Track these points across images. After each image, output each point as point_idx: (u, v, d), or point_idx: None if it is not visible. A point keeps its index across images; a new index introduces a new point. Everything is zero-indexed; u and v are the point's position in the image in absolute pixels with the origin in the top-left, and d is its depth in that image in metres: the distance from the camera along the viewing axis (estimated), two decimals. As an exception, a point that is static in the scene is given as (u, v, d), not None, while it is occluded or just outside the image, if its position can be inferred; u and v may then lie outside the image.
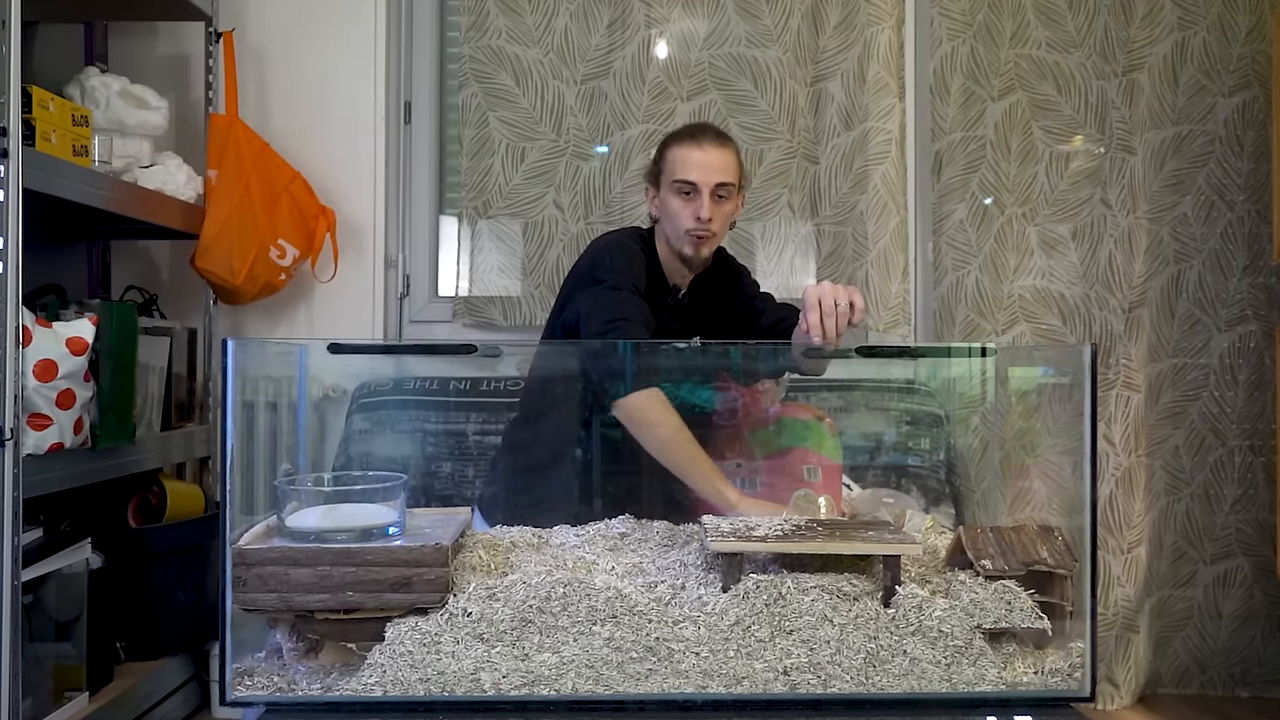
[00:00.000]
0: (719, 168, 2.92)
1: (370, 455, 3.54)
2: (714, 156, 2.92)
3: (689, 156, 2.91)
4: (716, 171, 2.91)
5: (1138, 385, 3.88)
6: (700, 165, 2.90)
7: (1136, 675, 3.87)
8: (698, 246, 2.97)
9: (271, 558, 2.02)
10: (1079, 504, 2.22)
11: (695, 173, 2.90)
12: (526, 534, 2.51)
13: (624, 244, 3.03)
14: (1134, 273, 3.87)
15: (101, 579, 3.06)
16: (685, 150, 2.93)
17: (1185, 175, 3.92)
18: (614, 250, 3.00)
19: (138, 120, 3.44)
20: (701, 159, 2.90)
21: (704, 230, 2.93)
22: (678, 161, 2.93)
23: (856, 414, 3.52)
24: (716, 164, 2.92)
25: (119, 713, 3.07)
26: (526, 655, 2.02)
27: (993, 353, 3.12)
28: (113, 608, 3.17)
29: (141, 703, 3.21)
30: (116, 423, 3.07)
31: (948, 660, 2.04)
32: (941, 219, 3.97)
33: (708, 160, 2.91)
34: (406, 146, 4.16)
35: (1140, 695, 3.90)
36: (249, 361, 2.25)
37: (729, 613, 2.05)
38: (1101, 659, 3.79)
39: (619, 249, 3.00)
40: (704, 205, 2.90)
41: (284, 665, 2.10)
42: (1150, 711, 3.83)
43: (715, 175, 2.91)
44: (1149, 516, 3.91)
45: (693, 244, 2.96)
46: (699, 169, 2.90)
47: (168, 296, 3.85)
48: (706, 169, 2.90)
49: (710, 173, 2.90)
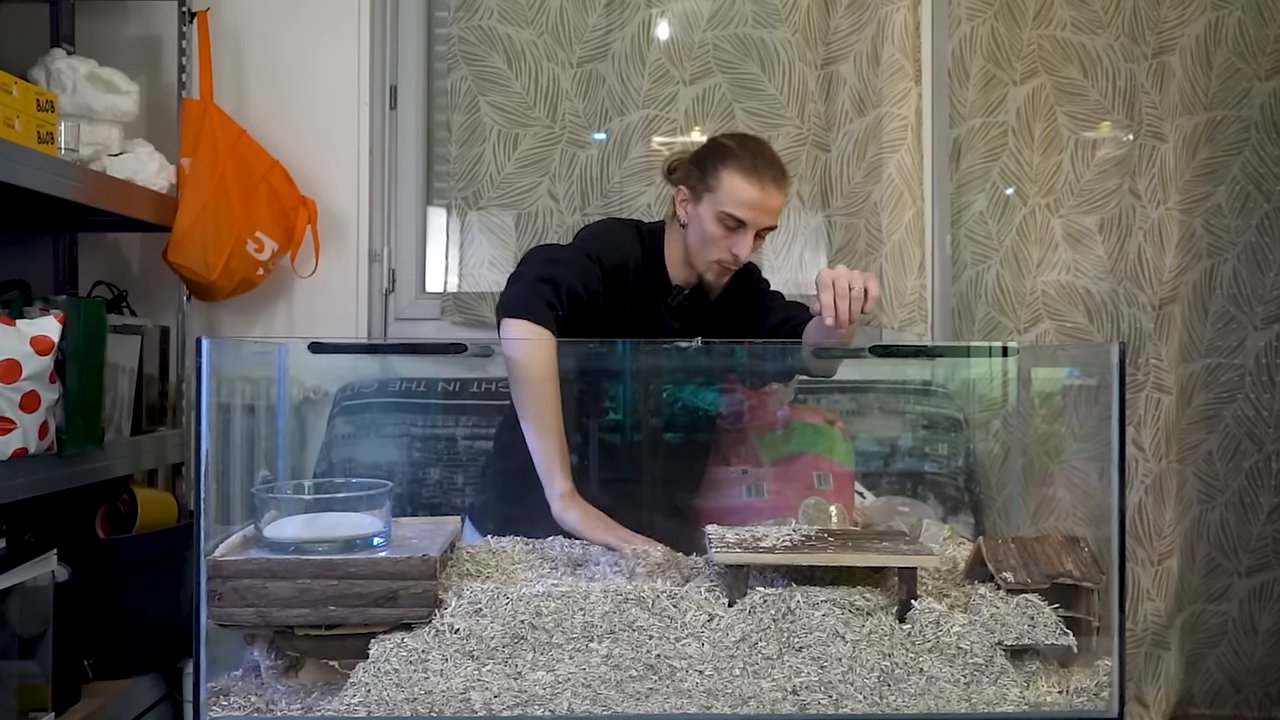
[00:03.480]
0: (773, 211, 2.87)
1: (353, 461, 3.54)
2: (774, 201, 2.86)
3: (746, 194, 2.82)
4: (769, 215, 2.87)
5: (1168, 387, 3.88)
6: (756, 207, 2.83)
7: (1167, 695, 3.87)
8: (722, 277, 2.96)
9: (249, 570, 2.03)
10: (1106, 513, 2.22)
11: (748, 213, 2.83)
12: (519, 545, 2.51)
13: (608, 226, 3.05)
14: (1164, 267, 3.88)
15: (68, 592, 3.05)
16: (744, 184, 2.82)
17: (1219, 164, 3.93)
18: (593, 227, 3.03)
19: (106, 105, 3.43)
20: (760, 200, 2.83)
21: (736, 265, 2.92)
22: (733, 193, 2.83)
23: (870, 417, 3.52)
24: (773, 208, 2.87)
25: (86, 735, 3.07)
26: (519, 673, 2.02)
27: (1014, 352, 3.12)
28: (80, 623, 3.16)
29: (110, 724, 3.21)
30: (84, 427, 3.06)
31: (967, 679, 2.04)
32: (960, 210, 3.97)
33: (767, 203, 2.84)
34: (392, 133, 4.15)
35: (1171, 716, 3.91)
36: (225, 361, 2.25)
37: (735, 628, 2.05)
38: (1130, 678, 3.79)
39: (600, 227, 3.03)
40: (746, 245, 2.86)
41: (262, 684, 2.10)
42: (1182, 733, 3.84)
43: (767, 219, 2.86)
44: (1180, 526, 3.91)
45: (718, 274, 2.95)
46: (753, 210, 2.83)
47: (138, 293, 3.84)
48: (762, 212, 2.85)
49: (765, 216, 2.85)
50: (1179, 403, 3.91)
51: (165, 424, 3.77)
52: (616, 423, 2.73)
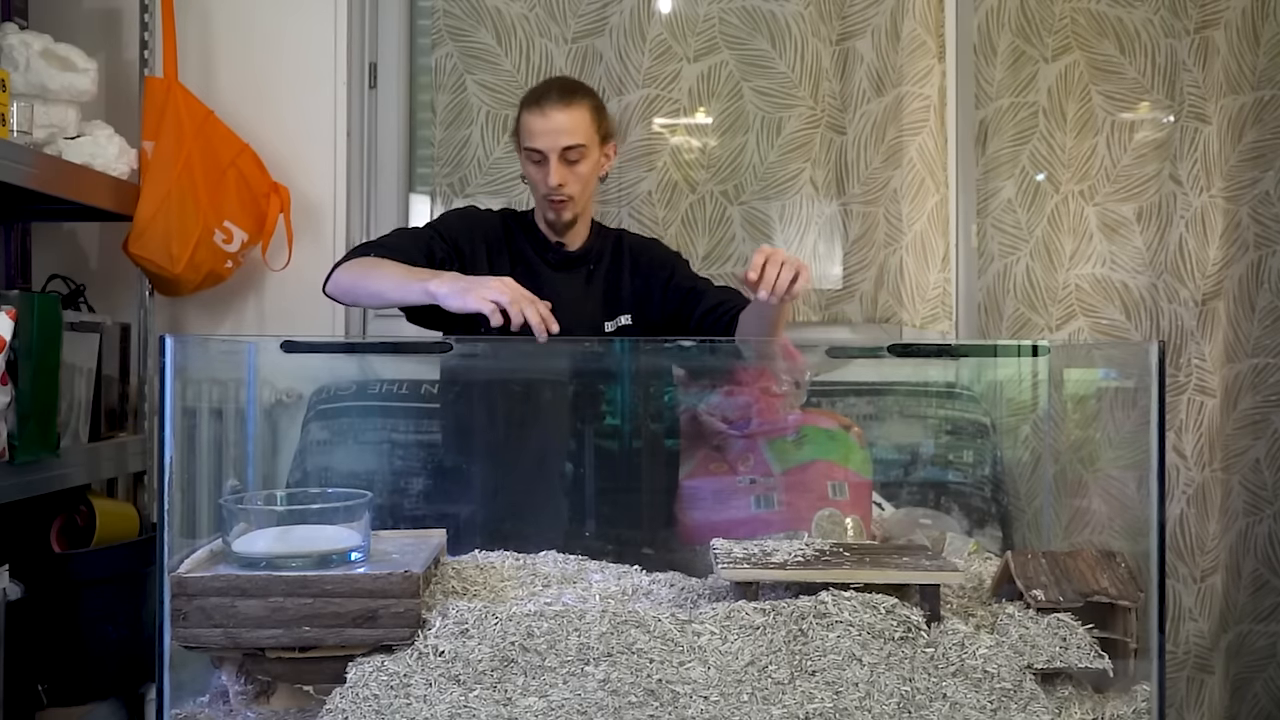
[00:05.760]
0: (564, 130, 3.14)
1: (329, 469, 3.54)
2: (557, 120, 3.13)
3: (533, 124, 3.15)
4: (562, 135, 3.14)
5: (1212, 389, 3.87)
6: (543, 132, 3.14)
7: (1211, 722, 3.87)
8: (558, 211, 3.23)
9: (216, 588, 2.03)
10: (1145, 526, 2.22)
11: (539, 140, 3.14)
12: (508, 560, 2.51)
13: (459, 209, 3.46)
14: (1208, 260, 3.87)
15: (20, 611, 3.06)
16: (529, 117, 3.17)
17: (1267, 147, 3.92)
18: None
19: (62, 84, 3.43)
20: (544, 125, 3.13)
21: (558, 195, 3.18)
22: (524, 129, 3.18)
23: (889, 422, 3.52)
24: (561, 127, 3.14)
25: (41, 766, 3.07)
26: (509, 699, 2.02)
27: (1045, 351, 3.12)
28: (33, 644, 3.16)
29: (67, 754, 3.21)
30: (38, 432, 3.06)
31: (994, 705, 2.04)
32: (987, 198, 3.97)
33: (550, 125, 3.13)
34: (371, 115, 4.16)
35: (1216, 746, 3.91)
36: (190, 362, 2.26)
37: (743, 651, 2.05)
38: (1171, 704, 3.79)
39: (450, 211, 3.48)
40: (553, 172, 3.15)
41: (231, 711, 2.10)
42: (1227, 764, 3.83)
43: (560, 139, 3.14)
44: (1225, 540, 3.91)
45: (553, 209, 3.23)
46: (542, 136, 3.14)
47: (97, 287, 3.84)
48: (550, 134, 3.13)
49: (554, 137, 3.14)
50: (1224, 406, 3.90)
51: (126, 429, 3.78)
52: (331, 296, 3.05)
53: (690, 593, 2.31)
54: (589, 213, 3.35)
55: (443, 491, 3.24)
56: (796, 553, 2.23)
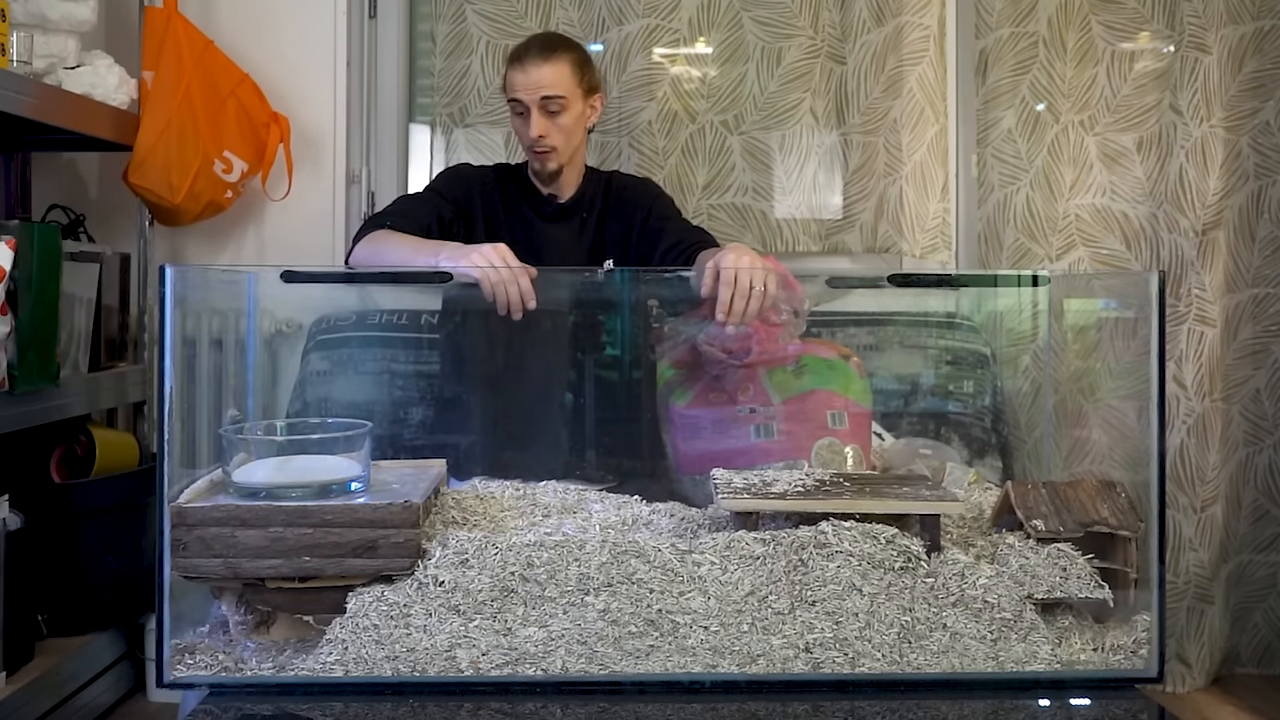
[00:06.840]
0: (544, 83, 3.19)
1: (329, 400, 3.53)
2: (537, 74, 3.19)
3: (514, 79, 3.22)
4: (542, 87, 3.19)
5: (1212, 319, 3.86)
6: (524, 85, 3.20)
7: (1211, 653, 3.87)
8: (542, 161, 3.27)
9: (216, 518, 2.02)
10: (1145, 456, 2.21)
11: (520, 92, 3.21)
12: (508, 490, 2.51)
13: (453, 168, 3.47)
14: (1208, 189, 3.85)
15: (20, 541, 3.06)
16: (511, 71, 3.24)
17: (1267, 77, 3.89)
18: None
19: (62, 14, 3.41)
20: (523, 79, 3.20)
21: (542, 146, 3.22)
22: (508, 83, 3.25)
23: (889, 352, 3.51)
24: (541, 79, 3.19)
25: (40, 696, 3.07)
26: (509, 629, 2.01)
27: (1045, 281, 3.11)
28: (33, 575, 3.16)
29: (66, 684, 3.21)
30: (37, 362, 3.05)
31: (994, 635, 2.04)
32: (987, 128, 3.95)
33: (530, 79, 3.19)
34: (371, 44, 4.12)
35: (1215, 676, 3.91)
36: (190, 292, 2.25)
37: (743, 581, 2.04)
38: (1171, 634, 3.79)
39: (445, 170, 3.48)
40: (534, 123, 3.20)
41: (230, 641, 2.10)
42: (1227, 694, 3.83)
43: (540, 90, 3.19)
44: (1225, 470, 3.90)
45: (538, 159, 3.28)
46: (523, 89, 3.20)
47: (97, 217, 3.83)
48: (529, 87, 3.20)
49: (534, 89, 3.19)
50: (1224, 336, 3.89)
51: (126, 359, 3.77)
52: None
53: (690, 523, 2.31)
54: (578, 162, 3.37)
55: (443, 421, 3.25)
56: (796, 483, 2.22)
